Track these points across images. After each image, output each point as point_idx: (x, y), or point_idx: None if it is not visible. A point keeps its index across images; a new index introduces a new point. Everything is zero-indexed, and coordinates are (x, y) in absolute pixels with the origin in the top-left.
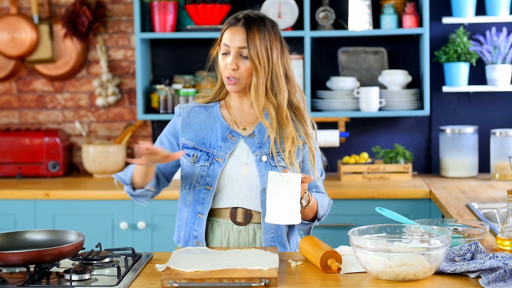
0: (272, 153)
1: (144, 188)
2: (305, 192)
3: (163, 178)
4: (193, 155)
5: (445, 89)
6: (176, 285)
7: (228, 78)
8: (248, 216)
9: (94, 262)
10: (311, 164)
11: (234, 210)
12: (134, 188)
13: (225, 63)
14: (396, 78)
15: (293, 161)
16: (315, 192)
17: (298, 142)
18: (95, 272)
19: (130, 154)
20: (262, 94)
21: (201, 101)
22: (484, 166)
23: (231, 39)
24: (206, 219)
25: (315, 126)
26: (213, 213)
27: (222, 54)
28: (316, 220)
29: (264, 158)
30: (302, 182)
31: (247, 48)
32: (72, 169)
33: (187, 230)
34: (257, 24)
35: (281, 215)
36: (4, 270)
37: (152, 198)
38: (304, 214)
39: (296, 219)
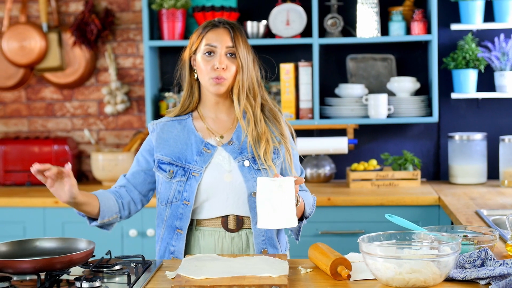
0: (254, 157)
1: (103, 222)
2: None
3: (132, 203)
4: (169, 171)
5: (453, 95)
6: None
7: (217, 78)
8: (240, 222)
9: (105, 269)
10: (289, 164)
11: (225, 218)
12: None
13: (211, 64)
14: (405, 85)
15: (270, 163)
16: (299, 190)
17: (274, 143)
18: (105, 280)
19: None
20: (245, 92)
21: (171, 115)
22: (493, 172)
23: (217, 39)
24: (186, 234)
25: (292, 129)
26: (203, 224)
27: (205, 55)
28: (304, 218)
29: (247, 163)
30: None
31: (234, 47)
32: (81, 177)
33: (163, 245)
34: (237, 27)
35: (276, 220)
36: (15, 278)
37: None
38: None
39: (293, 222)
